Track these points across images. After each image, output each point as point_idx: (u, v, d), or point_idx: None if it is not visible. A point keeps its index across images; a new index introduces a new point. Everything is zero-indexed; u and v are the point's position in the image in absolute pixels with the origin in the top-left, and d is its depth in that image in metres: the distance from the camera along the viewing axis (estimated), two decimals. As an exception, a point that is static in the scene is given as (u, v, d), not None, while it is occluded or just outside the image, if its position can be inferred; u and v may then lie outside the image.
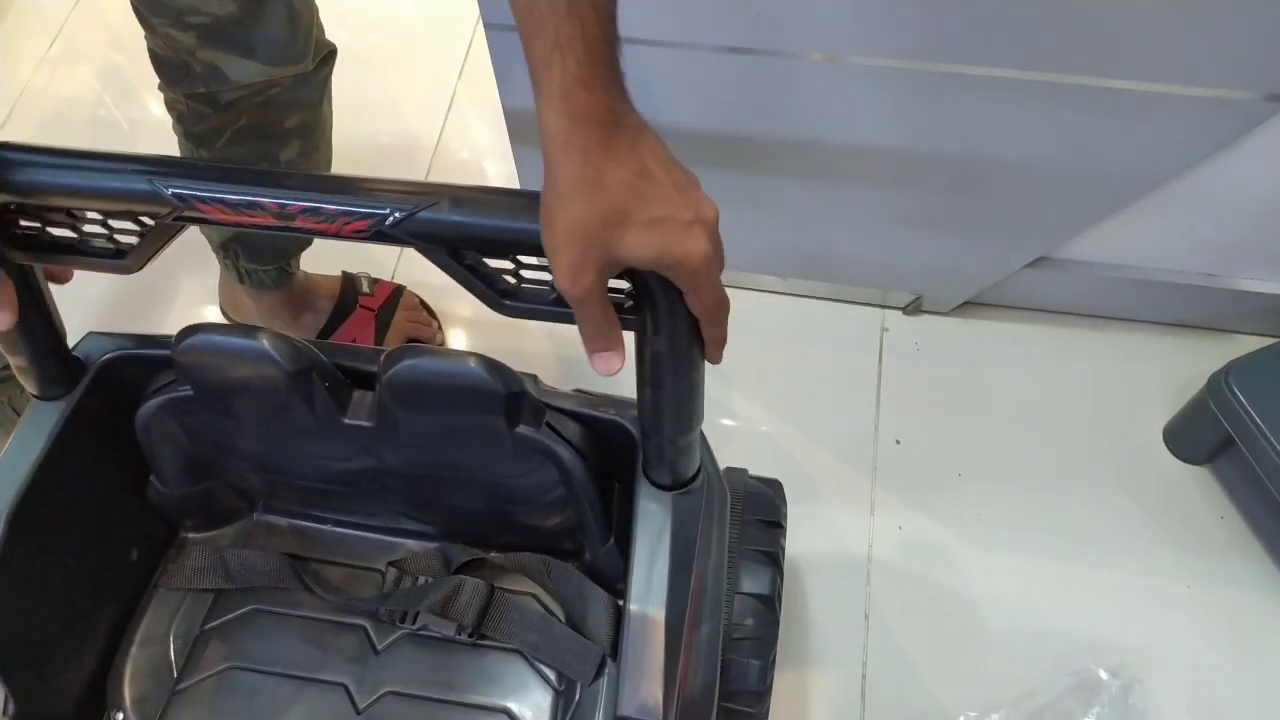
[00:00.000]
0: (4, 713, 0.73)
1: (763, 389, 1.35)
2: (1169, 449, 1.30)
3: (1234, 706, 1.13)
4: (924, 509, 1.26)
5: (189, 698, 0.83)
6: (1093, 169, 1.07)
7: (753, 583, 0.88)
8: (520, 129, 1.21)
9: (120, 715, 0.82)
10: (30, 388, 0.75)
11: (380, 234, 0.57)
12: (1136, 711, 1.09)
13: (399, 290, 1.39)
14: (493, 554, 0.89)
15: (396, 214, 0.56)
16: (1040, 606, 1.19)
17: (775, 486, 1.03)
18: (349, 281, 1.37)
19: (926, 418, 1.32)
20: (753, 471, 1.01)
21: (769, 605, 0.88)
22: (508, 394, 0.70)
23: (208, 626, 0.86)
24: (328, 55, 1.08)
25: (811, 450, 1.31)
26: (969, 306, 1.40)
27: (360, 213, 0.57)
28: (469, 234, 0.57)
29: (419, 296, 1.40)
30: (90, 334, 0.78)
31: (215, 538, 0.91)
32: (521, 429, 0.73)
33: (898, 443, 1.30)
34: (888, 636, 1.17)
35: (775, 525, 0.92)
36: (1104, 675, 1.11)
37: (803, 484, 1.26)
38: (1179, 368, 1.34)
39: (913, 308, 1.40)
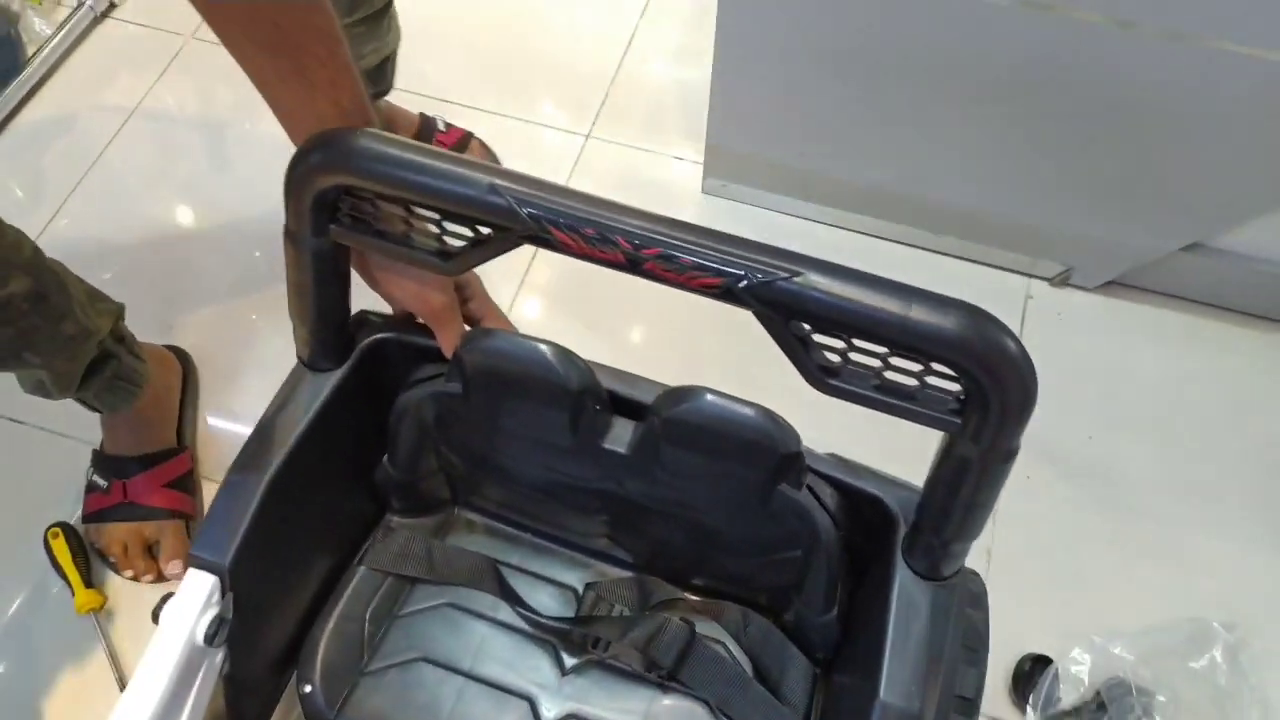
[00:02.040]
0: (220, 673, 0.69)
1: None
2: (1306, 444, 1.21)
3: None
4: (1052, 464, 1.19)
5: (375, 683, 0.78)
6: (1273, 151, 0.97)
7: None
8: (717, 164, 1.14)
9: (309, 688, 0.77)
10: (303, 356, 0.71)
11: (729, 293, 0.52)
12: (1244, 669, 1.03)
13: (468, 136, 1.36)
14: (688, 595, 0.82)
15: (754, 279, 0.51)
16: (1158, 563, 1.13)
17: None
18: (426, 122, 1.34)
19: (1061, 383, 1.25)
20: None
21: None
22: (784, 453, 0.63)
23: (401, 614, 0.81)
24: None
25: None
26: (1115, 286, 1.32)
27: (715, 269, 0.51)
28: (821, 314, 0.52)
29: (487, 146, 1.37)
30: (361, 311, 0.74)
31: (416, 525, 0.85)
32: (784, 488, 0.66)
33: (1030, 402, 1.24)
34: (1009, 571, 1.11)
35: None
36: (1218, 627, 1.05)
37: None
38: (1324, 372, 1.24)
39: (1059, 280, 1.32)
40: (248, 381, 1.18)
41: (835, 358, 0.55)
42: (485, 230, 0.58)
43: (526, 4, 1.04)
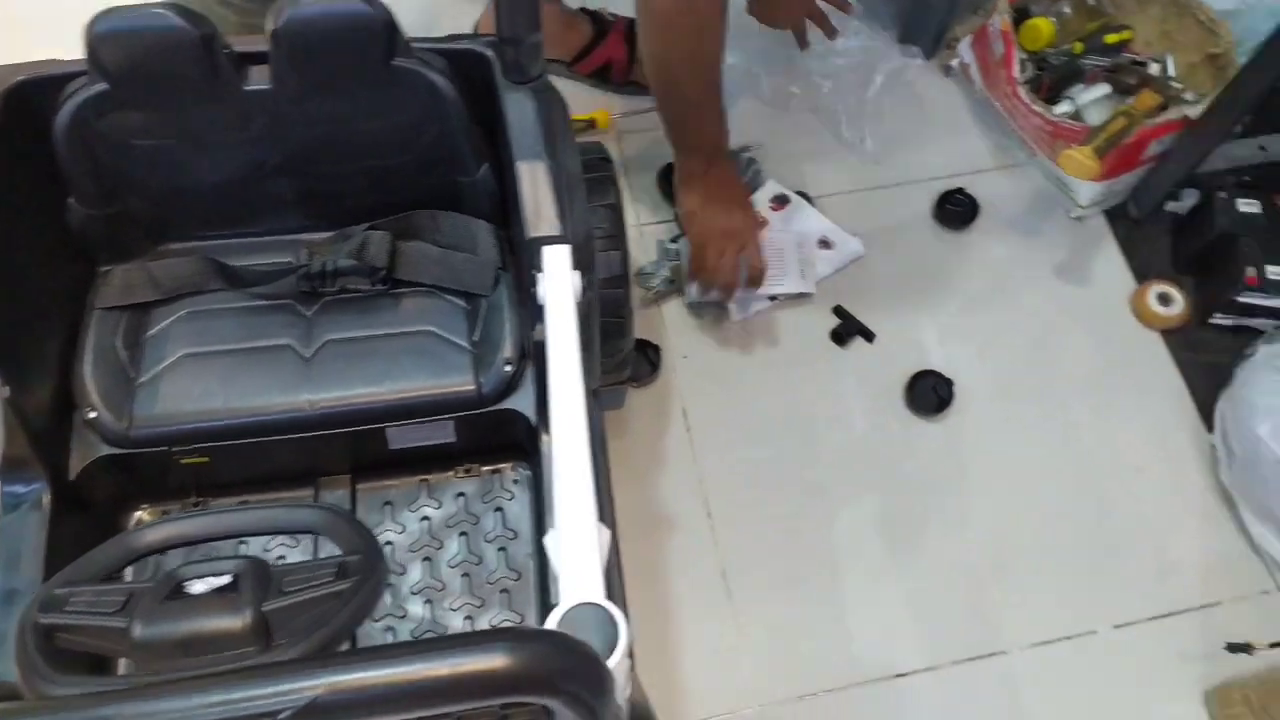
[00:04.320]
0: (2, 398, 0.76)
1: None
2: None
3: None
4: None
5: (151, 386, 0.87)
6: None
7: (598, 197, 1.02)
8: None
9: (92, 412, 0.85)
10: None
11: None
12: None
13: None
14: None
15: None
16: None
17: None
18: (598, 12, 1.41)
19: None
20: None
21: (615, 211, 1.03)
22: (384, 20, 0.78)
23: (149, 334, 0.90)
24: None
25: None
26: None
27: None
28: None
29: None
30: None
31: (131, 266, 0.93)
32: (398, 60, 0.81)
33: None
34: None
35: (609, 160, 1.06)
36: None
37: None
38: None
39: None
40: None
41: None
42: None
43: None
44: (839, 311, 1.25)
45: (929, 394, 1.19)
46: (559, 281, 0.78)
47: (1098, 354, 1.24)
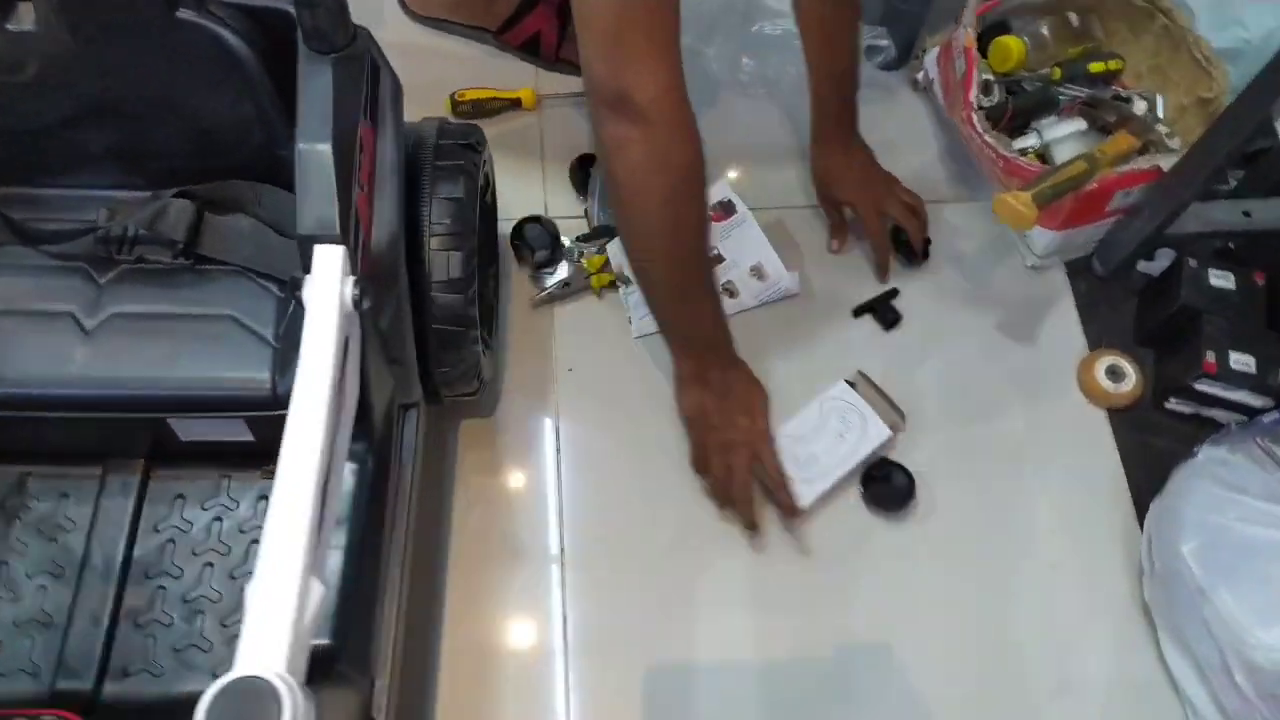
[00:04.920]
0: None
1: None
2: None
3: None
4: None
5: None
6: None
7: (446, 189, 0.91)
8: None
9: None
10: None
11: None
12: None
13: None
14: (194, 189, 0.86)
15: None
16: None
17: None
18: None
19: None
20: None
21: (463, 206, 0.91)
22: None
23: None
24: None
25: None
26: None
27: None
28: None
29: None
30: None
31: (-84, 216, 0.85)
32: (182, 12, 0.71)
33: None
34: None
35: (472, 148, 0.95)
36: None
37: None
38: None
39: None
40: None
41: None
42: None
43: None
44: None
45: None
46: (324, 287, 0.67)
47: (1032, 428, 1.09)
